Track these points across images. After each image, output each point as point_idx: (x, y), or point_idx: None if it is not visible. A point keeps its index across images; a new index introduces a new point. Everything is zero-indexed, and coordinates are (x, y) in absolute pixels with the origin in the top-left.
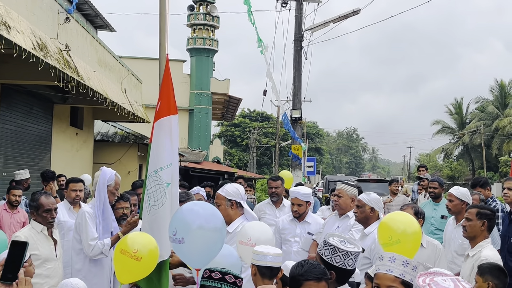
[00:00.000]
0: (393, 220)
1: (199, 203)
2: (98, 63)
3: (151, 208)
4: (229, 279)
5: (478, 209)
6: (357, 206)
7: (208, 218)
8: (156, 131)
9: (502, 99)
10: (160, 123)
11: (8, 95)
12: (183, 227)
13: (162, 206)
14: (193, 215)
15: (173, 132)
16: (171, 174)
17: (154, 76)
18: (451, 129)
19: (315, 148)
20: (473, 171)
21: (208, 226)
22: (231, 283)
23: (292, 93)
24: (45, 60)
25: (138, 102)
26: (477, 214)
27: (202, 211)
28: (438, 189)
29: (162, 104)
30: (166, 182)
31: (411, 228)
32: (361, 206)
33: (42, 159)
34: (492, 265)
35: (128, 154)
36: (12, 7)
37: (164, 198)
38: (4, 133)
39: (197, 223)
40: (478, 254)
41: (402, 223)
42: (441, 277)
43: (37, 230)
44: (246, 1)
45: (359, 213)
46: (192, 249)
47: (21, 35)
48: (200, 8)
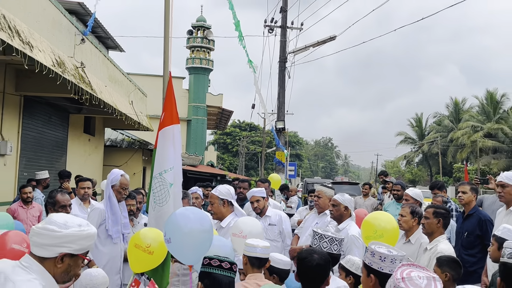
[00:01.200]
0: (376, 219)
1: (189, 208)
2: (109, 79)
3: (156, 205)
4: (225, 266)
5: (435, 208)
6: (332, 205)
7: (189, 222)
8: (160, 138)
9: (456, 114)
10: (164, 132)
11: (30, 105)
12: (170, 229)
13: (166, 204)
14: (179, 219)
15: (175, 139)
16: (173, 176)
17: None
18: (412, 139)
19: (296, 154)
20: (431, 176)
21: (189, 229)
22: (227, 269)
23: (276, 107)
24: (63, 76)
25: (143, 113)
26: (433, 213)
27: (191, 215)
28: (400, 191)
29: (166, 115)
30: (169, 183)
31: (390, 225)
32: (336, 205)
33: (59, 162)
34: (448, 258)
35: (134, 158)
36: (35, 29)
37: (168, 197)
38: (26, 138)
39: (182, 226)
40: (435, 247)
41: (383, 221)
42: (418, 273)
43: None
44: (238, 28)
45: (335, 211)
46: (179, 248)
47: (42, 53)
48: (198, 32)
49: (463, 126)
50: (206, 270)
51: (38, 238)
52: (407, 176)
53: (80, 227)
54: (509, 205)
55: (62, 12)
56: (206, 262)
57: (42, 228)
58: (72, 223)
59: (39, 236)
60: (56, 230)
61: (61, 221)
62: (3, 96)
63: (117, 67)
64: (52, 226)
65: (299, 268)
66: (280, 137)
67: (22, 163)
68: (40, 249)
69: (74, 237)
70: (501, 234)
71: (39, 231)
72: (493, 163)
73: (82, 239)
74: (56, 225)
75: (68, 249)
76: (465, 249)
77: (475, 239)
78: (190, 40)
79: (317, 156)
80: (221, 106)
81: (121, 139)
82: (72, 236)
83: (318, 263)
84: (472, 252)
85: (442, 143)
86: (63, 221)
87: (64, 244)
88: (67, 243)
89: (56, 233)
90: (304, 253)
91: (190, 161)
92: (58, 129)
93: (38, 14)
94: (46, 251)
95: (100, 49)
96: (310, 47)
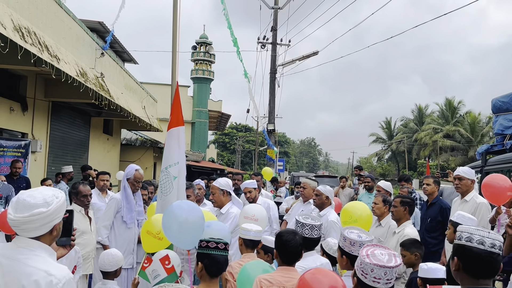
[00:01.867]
0: (353, 207)
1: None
2: (125, 87)
3: (162, 195)
4: (220, 247)
5: (401, 198)
6: (316, 195)
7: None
8: (168, 138)
9: (420, 118)
10: (171, 132)
11: (56, 110)
12: (165, 219)
13: (169, 194)
14: (172, 211)
15: (180, 139)
16: (178, 170)
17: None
18: (383, 139)
19: (284, 152)
20: (398, 170)
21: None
22: (223, 249)
23: (268, 111)
24: (85, 84)
25: (154, 116)
26: (400, 202)
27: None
28: (371, 183)
29: (172, 118)
30: (173, 176)
31: (365, 212)
32: (319, 195)
33: (82, 158)
34: (411, 240)
35: (146, 155)
36: (62, 44)
37: (171, 188)
38: (53, 138)
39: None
40: (402, 231)
41: (359, 209)
42: (380, 251)
43: (76, 210)
44: (235, 44)
45: (317, 200)
46: (174, 235)
47: (67, 65)
48: (201, 47)
49: (426, 128)
50: (204, 251)
51: (29, 225)
52: (378, 170)
53: (57, 198)
54: (464, 195)
55: (85, 30)
56: (204, 244)
57: (29, 215)
58: (49, 197)
59: (30, 223)
60: (44, 211)
61: (40, 201)
62: (34, 101)
63: (131, 77)
64: (39, 209)
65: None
66: (270, 137)
67: (50, 159)
68: (34, 232)
69: (59, 208)
70: (456, 219)
71: (28, 219)
72: (451, 160)
73: (64, 205)
74: (40, 207)
75: (59, 219)
76: (428, 232)
77: (437, 224)
78: (194, 54)
79: (302, 153)
80: (221, 111)
81: (135, 139)
82: (57, 208)
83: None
84: (434, 235)
85: (408, 142)
86: (41, 200)
87: (55, 217)
88: (57, 214)
89: (45, 213)
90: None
91: (194, 157)
92: (81, 130)
93: (64, 31)
94: (41, 230)
95: (117, 62)
96: (297, 61)
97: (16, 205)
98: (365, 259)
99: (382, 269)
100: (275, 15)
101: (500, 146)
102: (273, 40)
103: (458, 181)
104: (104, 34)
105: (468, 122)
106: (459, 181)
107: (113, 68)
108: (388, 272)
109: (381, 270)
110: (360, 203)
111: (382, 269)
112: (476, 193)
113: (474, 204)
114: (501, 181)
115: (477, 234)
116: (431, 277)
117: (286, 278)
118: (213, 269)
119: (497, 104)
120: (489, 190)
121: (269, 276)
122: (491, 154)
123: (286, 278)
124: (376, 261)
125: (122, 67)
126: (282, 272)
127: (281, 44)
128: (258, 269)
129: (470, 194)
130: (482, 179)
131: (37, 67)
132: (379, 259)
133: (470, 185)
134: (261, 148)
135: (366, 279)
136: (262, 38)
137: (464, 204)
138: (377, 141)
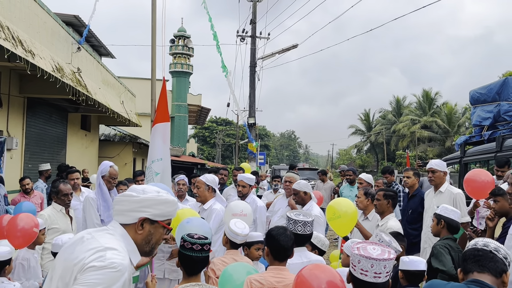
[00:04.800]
0: (338, 204)
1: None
2: (102, 82)
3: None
4: (196, 248)
5: (384, 191)
6: (294, 193)
7: None
8: (153, 133)
9: (398, 110)
10: (156, 128)
11: (32, 106)
12: None
13: None
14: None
15: (165, 135)
16: (162, 166)
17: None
18: (362, 131)
19: (265, 145)
20: (377, 162)
21: None
22: (198, 250)
23: (248, 105)
24: (62, 80)
25: (132, 111)
26: (383, 196)
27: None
28: (352, 176)
29: (158, 113)
30: (155, 172)
31: (350, 209)
32: (296, 193)
33: (59, 155)
34: (394, 233)
35: (125, 150)
36: (36, 39)
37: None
38: (29, 135)
39: None
40: (385, 224)
41: (343, 206)
42: (374, 246)
43: (57, 209)
44: (215, 38)
45: (297, 198)
46: None
47: (43, 60)
48: (179, 41)
49: (404, 120)
50: (180, 250)
51: (118, 205)
52: (357, 162)
53: (158, 193)
54: (437, 187)
55: (60, 24)
56: (181, 243)
57: (122, 195)
58: (151, 189)
59: (119, 203)
60: (134, 195)
61: (140, 188)
62: (8, 98)
63: (109, 72)
64: (131, 192)
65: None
66: (251, 130)
67: (26, 156)
68: (121, 216)
69: (152, 202)
70: (440, 212)
71: (120, 199)
72: (429, 150)
73: (160, 204)
74: (135, 191)
75: (146, 214)
76: (409, 224)
77: (418, 215)
78: (172, 48)
79: (282, 146)
80: (200, 105)
81: (113, 134)
82: (149, 201)
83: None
84: (415, 227)
85: (386, 134)
86: (142, 188)
87: (143, 208)
88: (145, 207)
89: (134, 197)
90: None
91: (174, 152)
92: (58, 126)
93: (39, 26)
94: (126, 216)
95: (94, 56)
96: (276, 54)
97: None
98: (354, 251)
99: (369, 261)
100: (254, 8)
101: (478, 137)
102: (252, 33)
103: (431, 174)
104: (80, 28)
105: (445, 113)
106: (432, 174)
107: (90, 62)
108: (375, 264)
109: (367, 262)
110: (345, 199)
111: (369, 260)
112: (449, 184)
113: (451, 195)
114: (484, 176)
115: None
116: (412, 269)
117: (277, 279)
118: (188, 270)
119: (474, 95)
120: (471, 185)
121: (259, 277)
122: (469, 145)
123: (277, 278)
124: (363, 252)
125: (99, 62)
126: (273, 272)
127: (261, 37)
128: (242, 271)
129: (444, 185)
130: (461, 170)
131: (11, 62)
132: (368, 252)
133: (443, 177)
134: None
135: (355, 271)
136: (241, 31)
137: (440, 196)
138: (356, 133)
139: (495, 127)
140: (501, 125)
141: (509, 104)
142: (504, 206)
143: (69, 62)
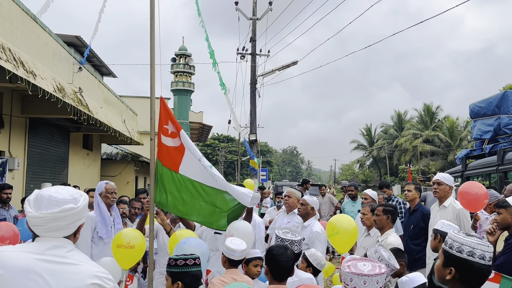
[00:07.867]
0: (337, 220)
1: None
2: (104, 101)
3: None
4: (180, 263)
5: (384, 207)
6: (301, 204)
7: None
8: (183, 137)
9: (399, 124)
10: (182, 132)
11: (34, 126)
12: None
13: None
14: None
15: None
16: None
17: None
18: (364, 146)
19: (267, 161)
20: (380, 176)
21: None
22: (192, 265)
23: (249, 121)
24: (63, 100)
25: (134, 129)
26: (383, 211)
27: None
28: (354, 191)
29: (176, 124)
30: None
31: (350, 225)
32: (305, 204)
33: (61, 174)
34: (394, 249)
35: (127, 169)
36: (38, 60)
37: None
38: (31, 154)
39: None
40: (385, 240)
41: (343, 222)
42: (364, 262)
43: None
44: (212, 56)
45: (302, 209)
46: None
47: (44, 81)
48: (181, 59)
49: (406, 134)
50: (174, 270)
51: (58, 222)
52: (360, 177)
53: (82, 196)
54: (442, 201)
55: (61, 45)
56: (173, 263)
57: (59, 211)
58: (75, 193)
59: (58, 221)
60: (74, 207)
61: (68, 197)
62: (10, 118)
63: (110, 91)
64: (69, 205)
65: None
66: (253, 147)
67: (28, 176)
68: (62, 231)
69: (85, 207)
70: (440, 228)
71: (58, 215)
72: (431, 164)
73: (87, 205)
74: (69, 202)
75: (83, 219)
76: (411, 239)
77: (419, 230)
78: (173, 66)
79: (284, 162)
80: (202, 122)
81: (115, 153)
82: (84, 207)
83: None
84: (417, 242)
85: (389, 148)
86: (69, 195)
87: (81, 216)
88: (83, 214)
89: (76, 209)
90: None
91: None
92: (60, 146)
93: (40, 47)
94: (68, 229)
95: (96, 76)
96: (276, 71)
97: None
98: (345, 269)
99: (361, 278)
100: (254, 26)
101: (479, 150)
102: (252, 51)
103: (437, 185)
104: (81, 48)
105: (446, 127)
106: (437, 186)
107: (92, 82)
108: (368, 281)
109: (359, 279)
110: (345, 216)
111: (361, 277)
112: (454, 199)
113: (455, 211)
114: (477, 188)
115: (479, 248)
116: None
117: None
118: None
119: (474, 109)
120: (465, 197)
121: None
122: (471, 159)
123: None
124: (354, 269)
125: (101, 81)
126: None
127: (261, 54)
128: None
129: (448, 200)
130: None
131: (12, 83)
132: (359, 269)
133: (448, 191)
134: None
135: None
136: (241, 49)
137: (443, 210)
138: (358, 147)
139: (496, 141)
140: (501, 138)
141: (509, 117)
142: (506, 218)
143: (70, 82)
